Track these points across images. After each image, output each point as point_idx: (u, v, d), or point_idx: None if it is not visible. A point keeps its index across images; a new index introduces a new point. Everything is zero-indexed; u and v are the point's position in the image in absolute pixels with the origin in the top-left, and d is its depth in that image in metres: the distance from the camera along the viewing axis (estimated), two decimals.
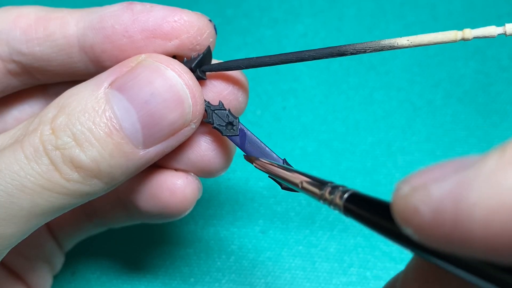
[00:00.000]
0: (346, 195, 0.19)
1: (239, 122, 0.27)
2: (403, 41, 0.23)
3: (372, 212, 0.18)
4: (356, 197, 0.19)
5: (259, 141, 0.27)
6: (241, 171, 0.43)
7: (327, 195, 0.20)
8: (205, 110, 0.26)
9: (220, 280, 0.39)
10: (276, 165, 0.25)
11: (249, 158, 0.27)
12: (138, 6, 0.25)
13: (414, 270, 0.19)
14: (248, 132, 0.27)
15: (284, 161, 0.27)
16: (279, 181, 0.26)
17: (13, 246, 0.24)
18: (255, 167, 0.26)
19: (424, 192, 0.14)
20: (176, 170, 0.28)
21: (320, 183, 0.21)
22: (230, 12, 0.51)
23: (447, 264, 0.16)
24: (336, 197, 0.19)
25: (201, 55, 0.25)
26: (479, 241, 0.13)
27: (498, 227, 0.13)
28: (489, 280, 0.15)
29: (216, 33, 0.26)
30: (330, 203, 0.20)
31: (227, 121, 0.26)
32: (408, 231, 0.15)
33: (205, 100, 0.26)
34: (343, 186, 0.20)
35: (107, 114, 0.23)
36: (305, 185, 0.22)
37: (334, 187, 0.20)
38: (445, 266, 0.16)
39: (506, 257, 0.13)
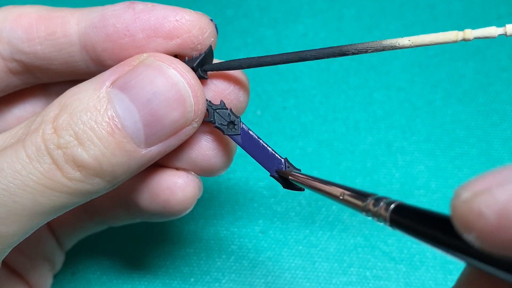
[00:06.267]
0: (392, 206, 0.19)
1: (240, 121, 0.27)
2: (405, 41, 0.23)
3: (422, 223, 0.17)
4: (402, 208, 0.19)
5: (260, 141, 0.27)
6: (241, 171, 0.43)
7: (370, 206, 0.20)
8: (207, 109, 0.26)
9: (220, 280, 0.39)
10: (314, 179, 0.24)
11: (284, 172, 0.27)
12: (140, 5, 0.25)
13: (467, 283, 0.18)
14: (250, 132, 0.27)
15: (285, 160, 0.27)
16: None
17: (15, 245, 0.24)
18: (291, 180, 0.26)
19: (488, 195, 0.14)
20: (177, 169, 0.28)
21: (362, 195, 0.21)
22: (230, 12, 0.51)
23: (509, 274, 0.15)
24: (381, 208, 0.19)
25: (203, 54, 0.25)
26: None
27: None
28: None
29: (217, 32, 0.26)
30: (374, 215, 0.19)
31: (228, 120, 0.26)
32: (470, 237, 0.14)
33: (206, 99, 0.26)
34: (386, 198, 0.19)
35: (109, 113, 0.23)
36: (347, 197, 0.21)
37: (378, 199, 0.20)
38: (506, 276, 0.15)
39: None
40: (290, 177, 0.26)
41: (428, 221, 0.17)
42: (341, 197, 0.22)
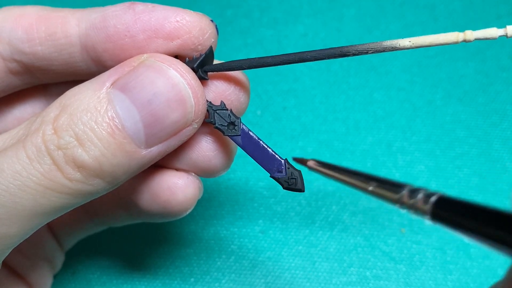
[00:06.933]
0: (433, 199, 0.17)
1: (241, 122, 0.27)
2: (405, 42, 0.23)
3: (474, 218, 0.16)
4: (446, 200, 0.17)
5: (261, 142, 0.27)
6: (241, 171, 0.43)
7: (406, 199, 0.18)
8: (207, 110, 0.26)
9: (220, 280, 0.39)
10: (336, 168, 0.22)
11: (301, 160, 0.25)
12: (140, 6, 0.25)
13: None
14: (250, 132, 0.27)
15: (286, 161, 0.27)
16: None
17: (16, 245, 0.24)
18: (309, 169, 0.24)
19: None
20: (177, 170, 0.28)
21: (394, 186, 0.19)
22: (230, 12, 0.51)
23: None
24: (419, 201, 0.17)
25: (203, 55, 0.25)
26: None
27: None
28: None
29: (217, 33, 0.26)
30: (411, 207, 0.18)
31: (229, 121, 0.26)
32: None
33: (207, 100, 0.26)
34: (424, 189, 0.18)
35: (109, 114, 0.23)
36: (377, 189, 0.19)
37: (414, 190, 0.18)
38: None
39: None
40: (307, 166, 0.24)
41: (482, 217, 0.15)
42: (370, 189, 0.20)
